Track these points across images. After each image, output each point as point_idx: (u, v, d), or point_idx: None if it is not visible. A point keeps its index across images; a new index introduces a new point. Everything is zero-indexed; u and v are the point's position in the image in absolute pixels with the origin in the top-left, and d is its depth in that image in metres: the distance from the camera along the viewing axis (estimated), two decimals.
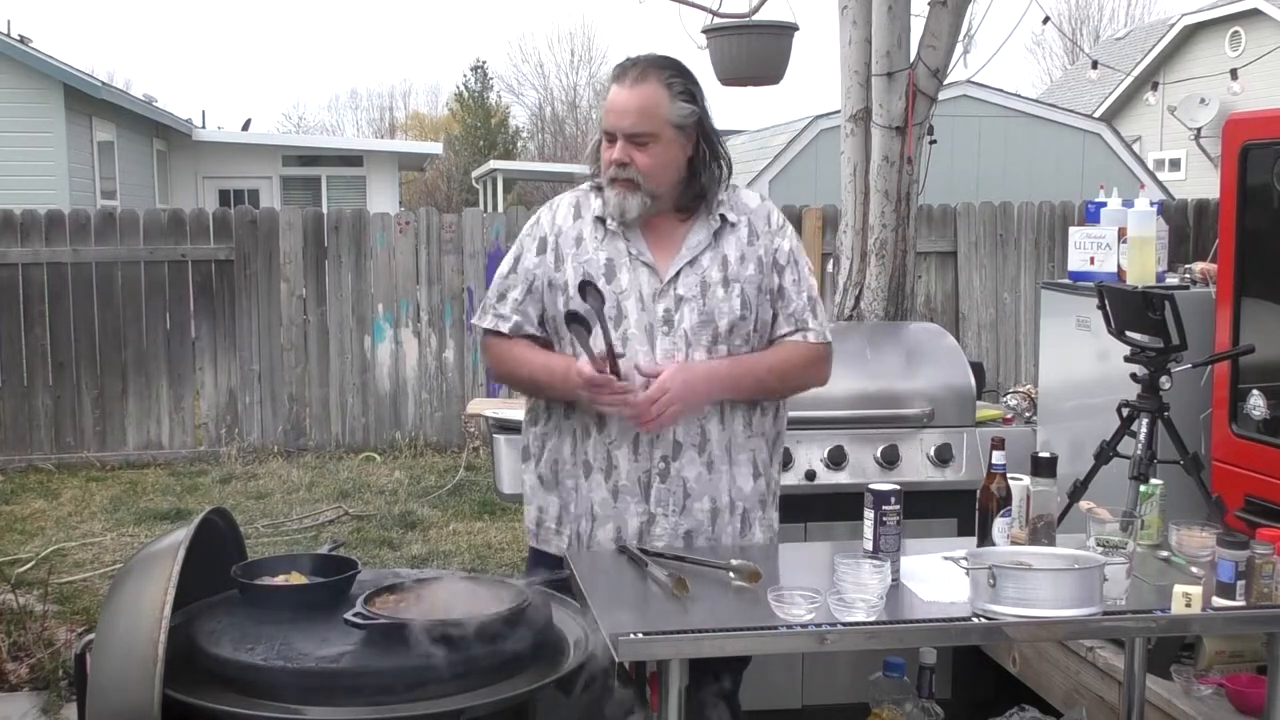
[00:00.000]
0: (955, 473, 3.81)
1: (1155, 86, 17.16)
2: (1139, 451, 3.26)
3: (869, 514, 2.44)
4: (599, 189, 2.68)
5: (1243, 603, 2.28)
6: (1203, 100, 16.68)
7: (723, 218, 2.69)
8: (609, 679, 2.15)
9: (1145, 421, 3.29)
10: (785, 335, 2.73)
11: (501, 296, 2.74)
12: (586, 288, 2.56)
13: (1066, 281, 4.27)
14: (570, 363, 2.59)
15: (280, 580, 2.43)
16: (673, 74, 2.62)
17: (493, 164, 23.58)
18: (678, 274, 2.64)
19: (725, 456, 2.67)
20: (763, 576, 2.35)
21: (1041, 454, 2.68)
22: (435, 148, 24.76)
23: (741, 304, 2.65)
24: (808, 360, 2.76)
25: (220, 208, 9.19)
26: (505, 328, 2.72)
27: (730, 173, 2.72)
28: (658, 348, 2.61)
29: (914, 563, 2.48)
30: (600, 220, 2.67)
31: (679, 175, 2.64)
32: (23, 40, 14.08)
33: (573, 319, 2.53)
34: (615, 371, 2.50)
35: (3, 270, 8.13)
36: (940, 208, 9.25)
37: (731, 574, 2.39)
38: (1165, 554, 2.57)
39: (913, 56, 4.61)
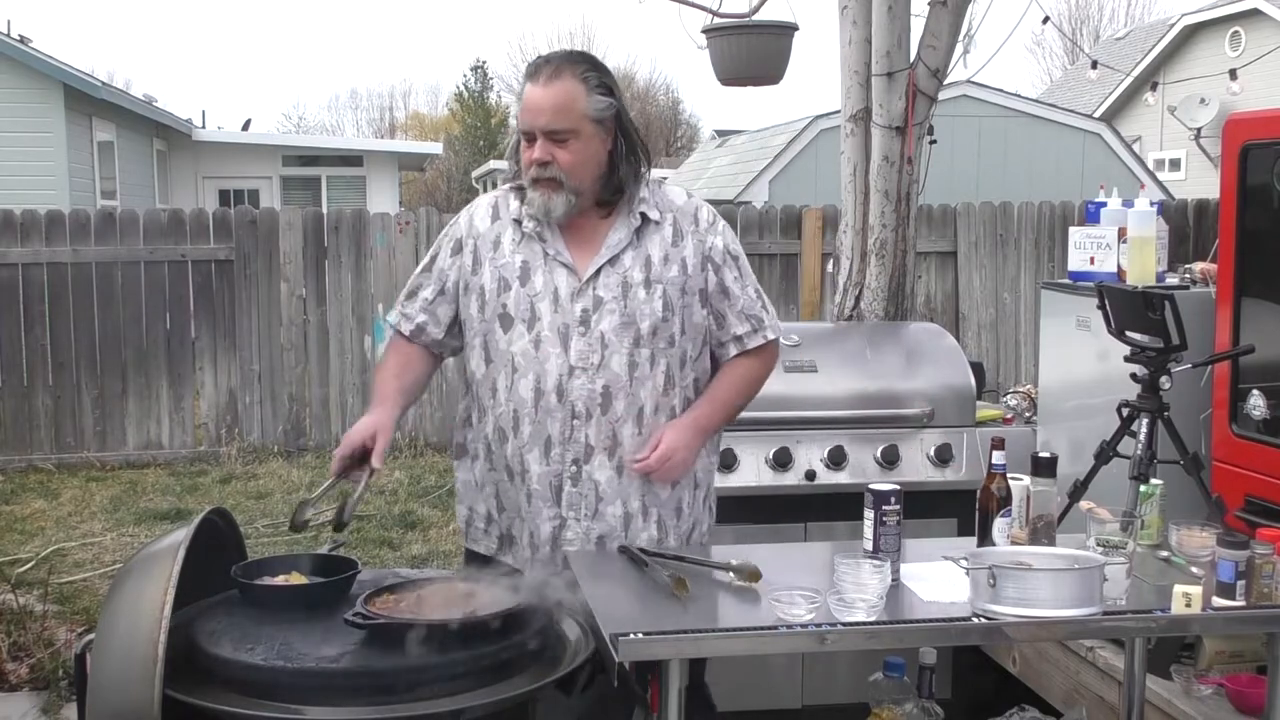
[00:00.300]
0: (955, 473, 3.82)
1: (1155, 86, 17.17)
2: (1139, 451, 3.26)
3: (869, 514, 2.44)
4: (519, 190, 2.64)
5: (1243, 603, 2.28)
6: (1203, 100, 16.68)
7: (644, 215, 2.65)
8: (609, 679, 2.15)
9: (1145, 421, 3.29)
10: (741, 335, 2.71)
11: (411, 295, 2.74)
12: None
13: (1066, 281, 4.27)
14: (371, 424, 2.62)
15: (280, 580, 2.43)
16: (587, 68, 2.58)
17: (493, 164, 23.58)
18: (597, 273, 2.61)
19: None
20: (763, 576, 2.35)
21: (1041, 454, 2.68)
22: (435, 148, 24.77)
23: (664, 305, 2.61)
24: (764, 363, 2.78)
25: (220, 208, 9.19)
26: (407, 329, 2.73)
27: (649, 165, 2.68)
28: (572, 349, 2.58)
29: (914, 563, 2.48)
30: (517, 222, 2.64)
31: (600, 170, 2.60)
32: (23, 40, 14.08)
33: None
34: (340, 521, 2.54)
35: (3, 270, 8.13)
36: (940, 208, 9.25)
37: (731, 574, 2.39)
38: (1165, 554, 2.57)
39: (913, 56, 4.61)
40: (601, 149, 2.59)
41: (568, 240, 2.63)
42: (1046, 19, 8.42)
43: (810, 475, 3.76)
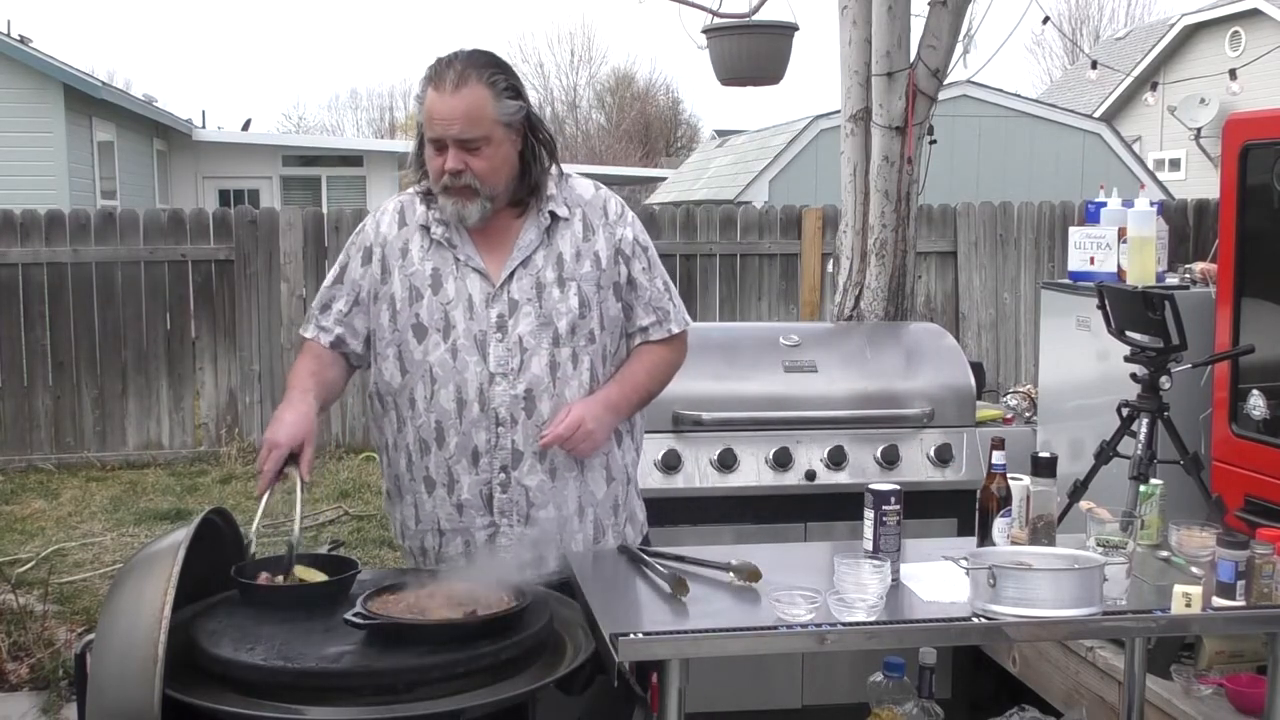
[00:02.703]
0: (955, 473, 3.82)
1: (1155, 86, 17.17)
2: (1139, 451, 3.26)
3: (869, 514, 2.44)
4: (426, 195, 2.60)
5: (1243, 603, 2.28)
6: (1203, 100, 16.69)
7: (553, 214, 2.60)
8: (609, 679, 2.15)
9: (1145, 421, 3.29)
10: (647, 326, 2.68)
11: (325, 307, 2.65)
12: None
13: (1066, 281, 4.28)
14: (283, 407, 2.55)
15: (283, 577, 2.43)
16: (494, 71, 2.49)
17: None
18: (510, 276, 2.56)
19: (572, 463, 2.59)
20: (763, 576, 2.35)
21: (1041, 454, 2.68)
22: None
23: (580, 302, 2.57)
24: (675, 351, 2.74)
25: (220, 208, 9.18)
26: (326, 341, 2.64)
27: (554, 157, 2.62)
28: (490, 356, 2.53)
29: (914, 563, 2.48)
30: (425, 229, 2.59)
31: (513, 172, 2.55)
32: (23, 40, 14.09)
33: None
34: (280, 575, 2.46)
35: (3, 270, 8.13)
36: (940, 208, 9.25)
37: (731, 574, 2.39)
38: (1165, 554, 2.57)
39: (913, 56, 4.61)
40: (513, 151, 2.53)
41: (478, 244, 2.58)
42: (1046, 19, 8.42)
43: (810, 475, 3.76)
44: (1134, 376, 3.37)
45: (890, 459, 3.79)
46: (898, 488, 2.45)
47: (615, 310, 2.64)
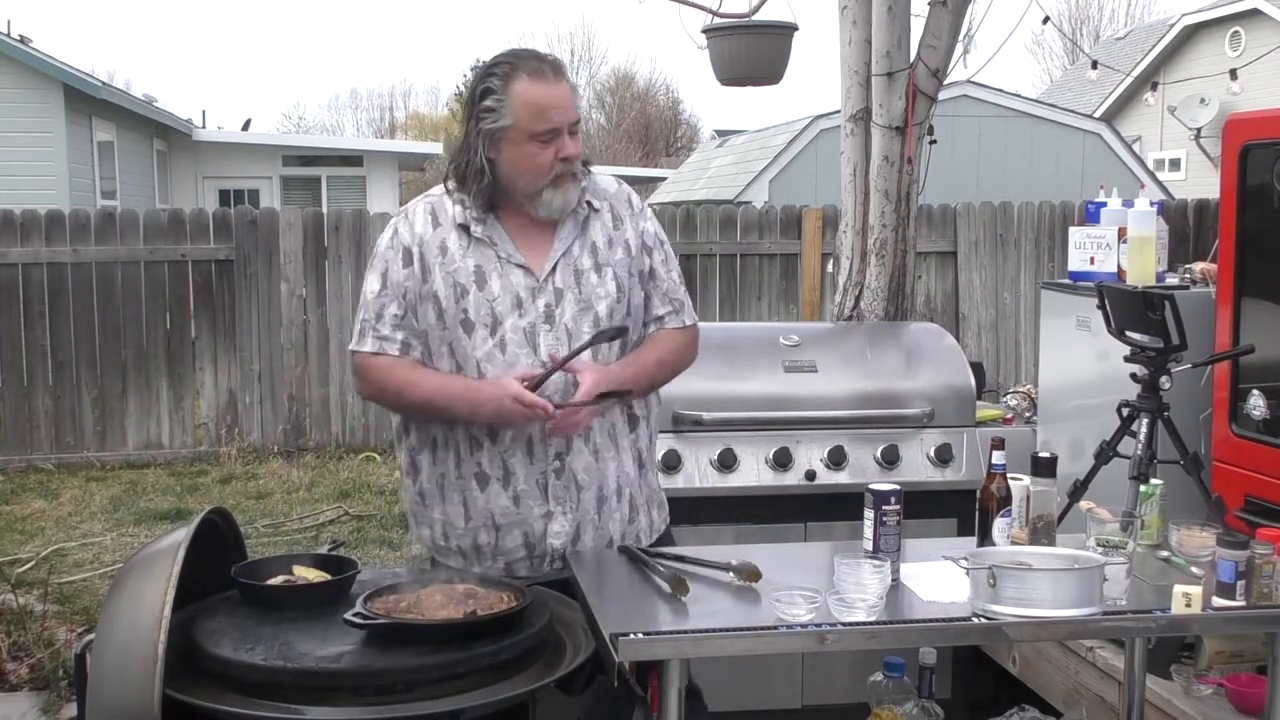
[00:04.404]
0: (955, 473, 3.82)
1: (1155, 86, 17.17)
2: (1139, 451, 3.26)
3: (869, 514, 2.44)
4: (450, 193, 2.63)
5: (1243, 603, 2.28)
6: (1203, 100, 16.69)
7: (589, 204, 2.67)
8: (609, 679, 2.15)
9: (1145, 421, 3.29)
10: (662, 315, 2.72)
11: (379, 316, 2.62)
12: None
13: (1066, 281, 4.27)
14: (480, 385, 2.53)
15: (285, 574, 2.44)
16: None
17: None
18: (554, 268, 2.61)
19: (610, 444, 2.65)
20: (763, 576, 2.35)
21: (1041, 454, 2.68)
22: (435, 148, 24.69)
23: (616, 287, 2.64)
24: (686, 344, 2.77)
25: (220, 208, 9.19)
26: (394, 350, 2.61)
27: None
28: (541, 345, 2.57)
29: (914, 563, 2.48)
30: (464, 228, 2.61)
31: None
32: (23, 40, 14.08)
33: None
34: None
35: (3, 270, 8.13)
36: (940, 208, 9.25)
37: (731, 574, 2.39)
38: (1165, 554, 2.57)
39: (913, 56, 4.61)
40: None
41: (516, 240, 2.62)
42: (1046, 19, 8.41)
43: (810, 475, 3.76)
44: (1134, 376, 3.37)
45: (890, 459, 3.79)
46: (898, 488, 2.45)
47: (639, 299, 2.70)
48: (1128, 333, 3.42)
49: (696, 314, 2.82)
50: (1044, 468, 2.64)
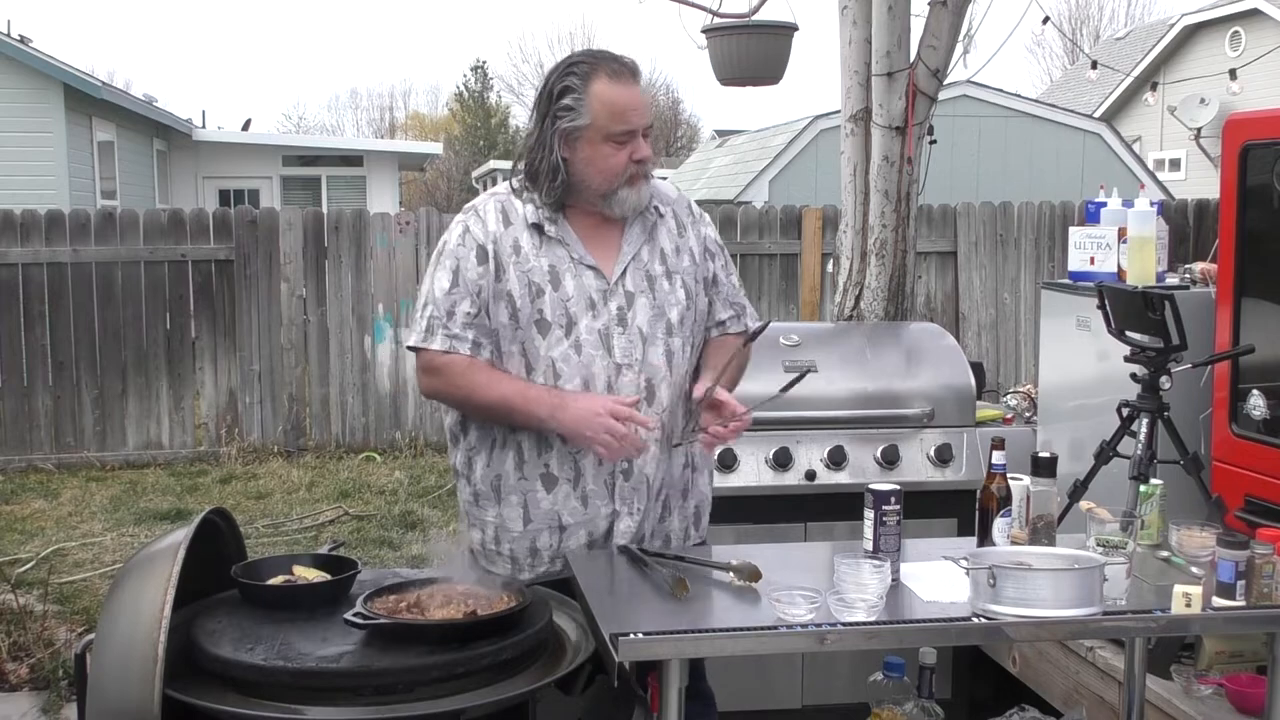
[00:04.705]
0: (955, 473, 3.82)
1: (1155, 86, 17.18)
2: (1139, 451, 3.26)
3: (869, 514, 2.44)
4: (517, 191, 2.62)
5: (1243, 603, 2.28)
6: (1203, 100, 16.68)
7: (657, 209, 2.68)
8: (609, 679, 2.15)
9: (1145, 421, 3.29)
10: (725, 320, 2.77)
11: (450, 314, 2.58)
12: None
13: (1066, 281, 4.27)
14: (553, 394, 2.53)
15: (286, 574, 2.44)
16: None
17: (493, 164, 23.60)
18: (624, 272, 2.62)
19: (681, 449, 2.68)
20: (763, 576, 2.35)
21: (1041, 454, 2.68)
22: (435, 148, 24.78)
23: (685, 294, 2.66)
24: (749, 353, 2.81)
25: (220, 208, 9.18)
26: (465, 349, 2.57)
27: None
28: (615, 348, 2.58)
29: (914, 563, 2.48)
30: (536, 227, 2.60)
31: None
32: (23, 40, 14.08)
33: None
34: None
35: (3, 270, 8.13)
36: (940, 208, 9.25)
37: (731, 574, 2.39)
38: (1165, 554, 2.57)
39: (913, 56, 4.61)
40: None
41: (586, 244, 2.62)
42: (1046, 19, 8.42)
43: (810, 475, 3.76)
44: (1134, 376, 3.37)
45: (890, 459, 3.79)
46: (898, 488, 2.45)
47: (704, 304, 2.73)
48: (1128, 333, 3.42)
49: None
50: (1044, 468, 2.64)
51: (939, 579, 2.38)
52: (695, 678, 2.75)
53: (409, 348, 2.66)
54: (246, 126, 21.05)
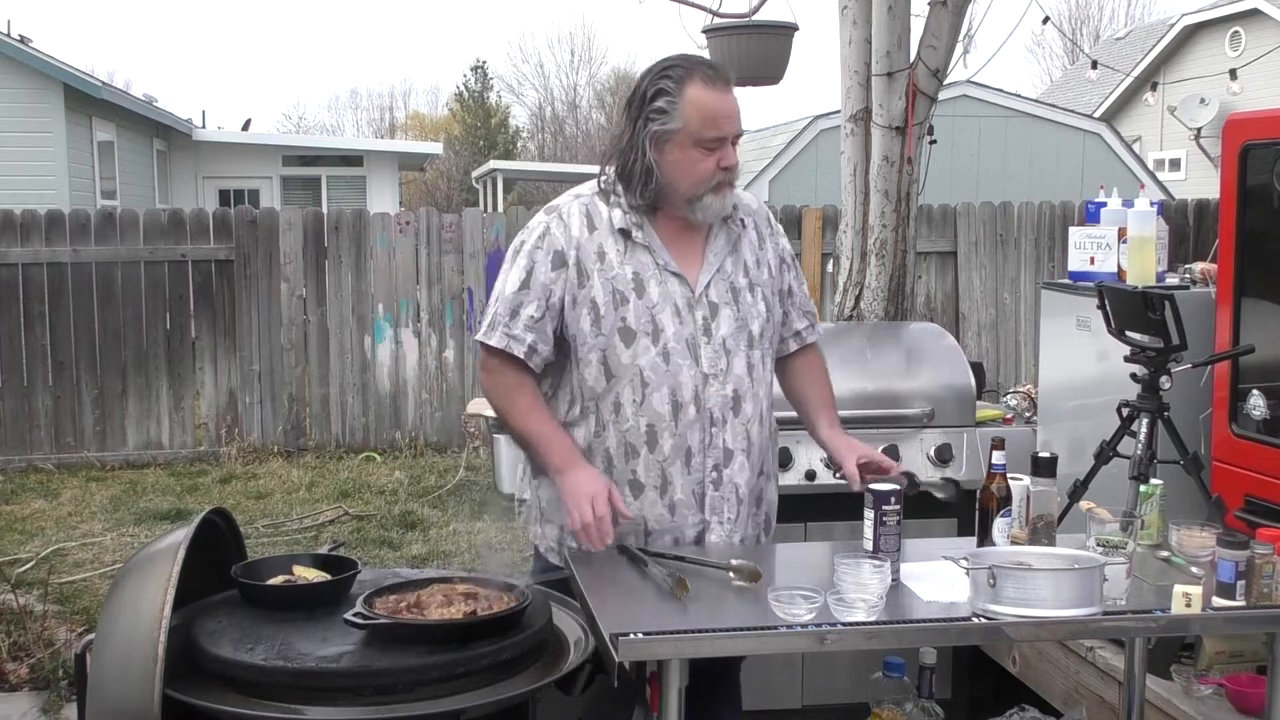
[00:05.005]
0: (955, 473, 3.82)
1: (1155, 86, 17.18)
2: (1139, 451, 3.26)
3: (869, 514, 2.44)
4: (603, 193, 2.61)
5: (1243, 603, 2.28)
6: (1203, 100, 16.68)
7: (741, 221, 2.69)
8: (609, 679, 2.15)
9: (1145, 421, 3.29)
10: (801, 330, 2.84)
11: (514, 314, 2.57)
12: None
13: (1066, 281, 4.27)
14: (571, 455, 2.55)
15: (286, 574, 2.44)
16: None
17: (493, 164, 23.57)
18: (709, 282, 2.62)
19: (760, 460, 2.71)
20: (763, 576, 2.35)
21: (1041, 454, 2.68)
22: (435, 148, 24.76)
23: (766, 307, 2.69)
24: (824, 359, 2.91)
25: (220, 208, 9.19)
26: (519, 351, 2.57)
27: None
28: (702, 357, 2.58)
29: (914, 563, 2.48)
30: (623, 232, 2.58)
31: None
32: (23, 40, 14.08)
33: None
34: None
35: (3, 270, 8.14)
36: (940, 208, 9.25)
37: (731, 574, 2.39)
38: (1165, 554, 2.57)
39: (913, 56, 4.61)
40: None
41: (671, 250, 2.61)
42: (1046, 19, 8.43)
43: (810, 475, 3.76)
44: (1134, 376, 3.37)
45: (890, 459, 3.78)
46: (898, 488, 2.45)
47: (779, 315, 2.76)
48: (1128, 333, 3.42)
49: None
50: (1044, 468, 2.64)
51: (939, 579, 2.38)
52: (728, 679, 2.78)
53: (475, 339, 2.71)
54: (246, 126, 21.06)
